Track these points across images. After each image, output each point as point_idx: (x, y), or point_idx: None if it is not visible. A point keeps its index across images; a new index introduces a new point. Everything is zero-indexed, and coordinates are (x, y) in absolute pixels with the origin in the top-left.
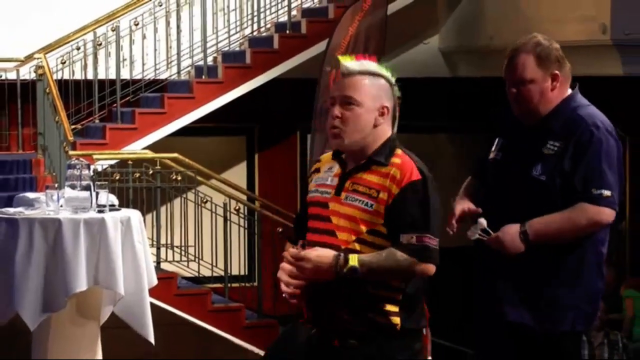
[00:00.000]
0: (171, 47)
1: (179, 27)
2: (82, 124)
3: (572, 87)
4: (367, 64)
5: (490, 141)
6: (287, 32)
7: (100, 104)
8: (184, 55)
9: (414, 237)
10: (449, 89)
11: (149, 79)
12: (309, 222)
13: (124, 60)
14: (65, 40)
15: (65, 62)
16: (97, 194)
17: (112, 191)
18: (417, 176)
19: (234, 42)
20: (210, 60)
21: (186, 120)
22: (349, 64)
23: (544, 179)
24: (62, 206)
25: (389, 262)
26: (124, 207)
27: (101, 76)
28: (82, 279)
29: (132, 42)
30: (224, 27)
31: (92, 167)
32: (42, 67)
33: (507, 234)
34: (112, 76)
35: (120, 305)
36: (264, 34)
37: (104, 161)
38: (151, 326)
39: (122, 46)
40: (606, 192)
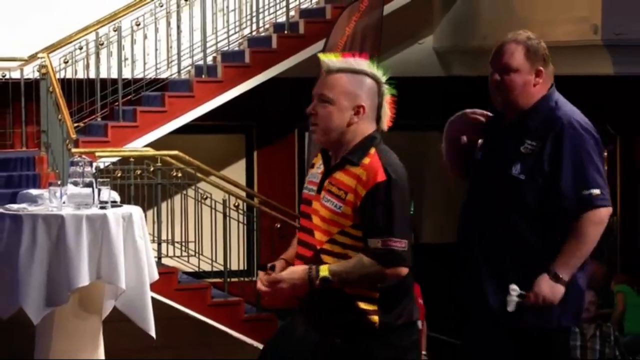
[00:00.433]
0: (172, 47)
1: (179, 27)
2: (84, 122)
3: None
4: (351, 61)
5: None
6: (285, 32)
7: (102, 102)
8: (184, 54)
9: (380, 242)
10: (443, 88)
11: (150, 78)
12: (300, 219)
13: (126, 59)
14: (68, 40)
15: (68, 62)
16: (99, 191)
17: (114, 188)
18: (382, 177)
19: (233, 42)
20: (209, 59)
21: (186, 118)
22: (329, 62)
23: (523, 177)
24: (64, 202)
25: (357, 270)
26: (126, 204)
27: (103, 75)
28: (84, 273)
29: (133, 42)
30: (224, 28)
31: (94, 165)
32: (45, 67)
33: (543, 285)
34: (114, 75)
35: (122, 299)
36: (263, 34)
37: (106, 158)
38: (152, 320)
39: (123, 46)
40: (595, 191)
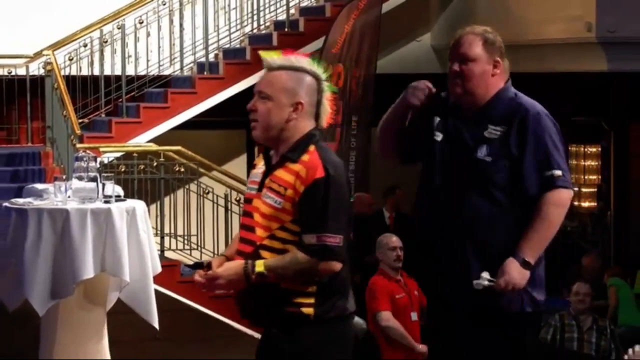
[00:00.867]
0: (174, 44)
1: (181, 25)
2: (89, 118)
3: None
4: (291, 59)
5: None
6: (286, 30)
7: (106, 98)
8: (187, 52)
9: (314, 238)
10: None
11: (153, 75)
12: (241, 217)
13: (129, 57)
14: (72, 37)
15: (72, 59)
16: (104, 185)
17: (117, 182)
18: (320, 174)
19: (235, 40)
20: (211, 57)
21: (189, 114)
22: (270, 59)
23: (489, 160)
24: (69, 197)
25: (292, 265)
26: (129, 198)
27: (107, 72)
28: (89, 266)
29: (136, 39)
30: (225, 25)
31: (98, 160)
32: (50, 64)
33: (512, 272)
34: (118, 72)
35: (125, 291)
36: (264, 32)
37: (110, 154)
38: (155, 312)
39: (127, 43)
40: (557, 172)
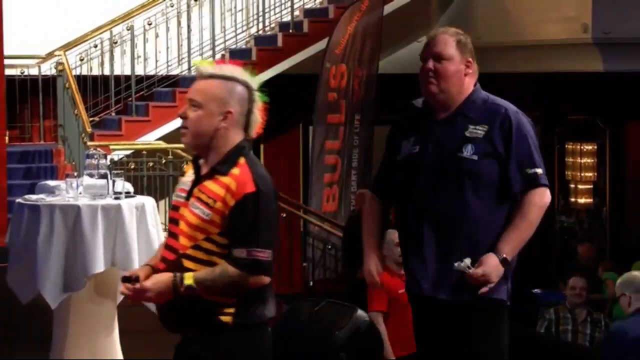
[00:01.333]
0: (182, 45)
1: (189, 26)
2: (99, 116)
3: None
4: (223, 68)
5: (391, 146)
6: (290, 31)
7: (116, 98)
8: (194, 52)
9: (245, 252)
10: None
11: (162, 75)
12: (168, 225)
13: (138, 57)
14: (83, 38)
15: (83, 59)
16: (114, 182)
17: (127, 179)
18: (250, 189)
19: (241, 41)
20: (218, 57)
21: None
22: (202, 68)
23: (476, 158)
24: (81, 193)
25: (222, 278)
26: (139, 194)
27: (117, 72)
28: (100, 260)
29: (145, 40)
30: (231, 27)
31: (108, 157)
32: (62, 64)
33: (491, 266)
34: (127, 72)
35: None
36: (269, 33)
37: (120, 151)
38: None
39: (136, 44)
40: (539, 170)
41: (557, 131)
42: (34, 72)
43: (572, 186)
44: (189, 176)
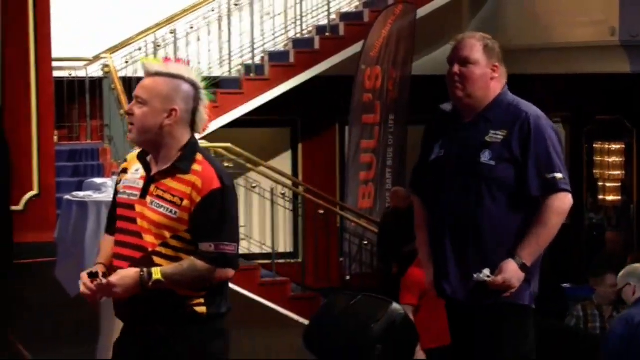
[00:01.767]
0: (223, 48)
1: (229, 30)
2: None
3: None
4: (169, 66)
5: (424, 148)
6: (327, 34)
7: None
8: (235, 55)
9: (212, 246)
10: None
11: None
12: (118, 222)
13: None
14: (128, 41)
15: (128, 62)
16: None
17: None
18: (217, 185)
19: (279, 44)
20: (257, 59)
21: (237, 113)
22: (148, 65)
23: (493, 163)
24: None
25: (190, 272)
26: None
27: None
28: None
29: (187, 43)
30: (270, 30)
31: None
32: (108, 66)
33: (511, 272)
34: None
35: None
36: (306, 36)
37: None
38: None
39: (178, 47)
40: (558, 175)
41: (586, 131)
42: (81, 74)
43: (601, 184)
44: (135, 173)
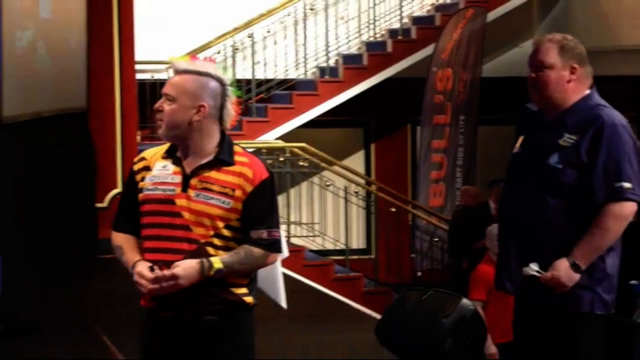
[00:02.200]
0: (298, 51)
1: (305, 33)
2: None
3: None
4: (197, 64)
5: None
6: (399, 37)
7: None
8: (310, 58)
9: (265, 232)
10: None
11: (280, 79)
12: (151, 217)
13: (258, 62)
14: (207, 45)
15: None
16: None
17: None
18: (266, 175)
19: (353, 47)
20: (332, 62)
21: (312, 114)
22: (176, 63)
23: (560, 167)
24: None
25: (248, 259)
26: None
27: (238, 76)
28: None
29: (265, 46)
30: (344, 34)
31: None
32: None
33: (561, 271)
34: (248, 76)
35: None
36: (379, 39)
37: None
38: (284, 293)
39: (256, 50)
40: (626, 185)
41: None
42: (163, 76)
43: None
44: (163, 169)
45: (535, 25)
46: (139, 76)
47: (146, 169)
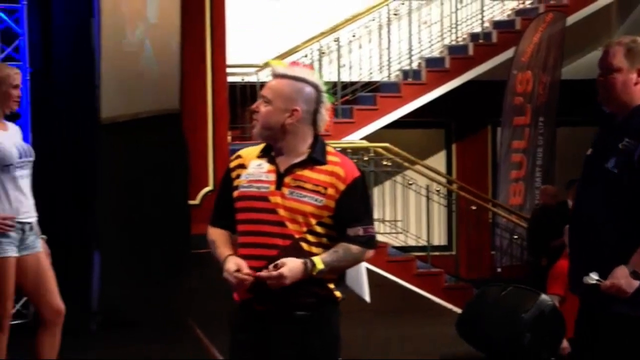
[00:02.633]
0: (382, 54)
1: (389, 37)
2: None
3: None
4: (295, 69)
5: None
6: (480, 41)
7: None
8: (393, 61)
9: (361, 230)
10: None
11: (364, 82)
12: (245, 214)
13: (344, 65)
14: (295, 49)
15: None
16: None
17: None
18: (357, 173)
19: (435, 50)
20: (415, 65)
21: (395, 115)
22: (275, 67)
23: (616, 171)
24: None
25: (347, 257)
26: None
27: (325, 79)
28: None
29: (350, 50)
30: (427, 38)
31: None
32: None
33: (620, 277)
34: (334, 79)
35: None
36: (461, 43)
37: None
38: (367, 288)
39: (342, 54)
40: None
41: None
42: (252, 79)
43: None
44: (256, 167)
45: (614, 28)
46: (230, 79)
47: (242, 166)
